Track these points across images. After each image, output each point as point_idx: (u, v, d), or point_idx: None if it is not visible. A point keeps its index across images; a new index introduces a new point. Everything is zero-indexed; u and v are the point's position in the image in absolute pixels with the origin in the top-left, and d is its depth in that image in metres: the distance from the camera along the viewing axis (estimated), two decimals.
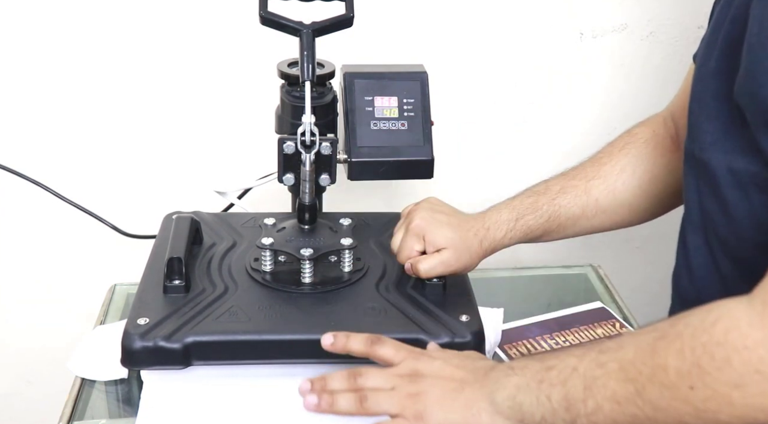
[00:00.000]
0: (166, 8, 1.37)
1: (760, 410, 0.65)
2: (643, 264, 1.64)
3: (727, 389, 0.66)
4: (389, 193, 1.50)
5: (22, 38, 1.37)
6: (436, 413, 0.83)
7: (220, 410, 0.96)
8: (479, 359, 0.91)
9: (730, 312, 0.67)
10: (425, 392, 0.85)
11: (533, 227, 1.06)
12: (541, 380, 0.78)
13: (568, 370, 0.77)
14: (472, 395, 0.82)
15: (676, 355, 0.69)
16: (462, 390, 0.83)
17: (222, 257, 1.13)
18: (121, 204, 1.44)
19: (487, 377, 0.83)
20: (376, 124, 1.11)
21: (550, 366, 0.79)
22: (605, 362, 0.74)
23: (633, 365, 0.72)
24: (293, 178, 1.05)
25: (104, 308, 1.24)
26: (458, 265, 1.04)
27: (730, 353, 0.65)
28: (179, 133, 1.45)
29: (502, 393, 0.81)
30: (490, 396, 0.81)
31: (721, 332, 0.67)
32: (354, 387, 0.87)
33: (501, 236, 1.05)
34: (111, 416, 1.03)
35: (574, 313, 1.23)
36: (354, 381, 0.88)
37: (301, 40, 1.03)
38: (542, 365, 0.80)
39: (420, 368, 0.88)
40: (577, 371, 0.76)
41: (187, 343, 0.98)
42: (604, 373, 0.74)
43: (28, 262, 1.53)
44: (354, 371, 0.89)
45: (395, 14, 1.40)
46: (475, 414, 0.81)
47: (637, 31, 1.46)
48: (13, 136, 1.42)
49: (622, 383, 0.72)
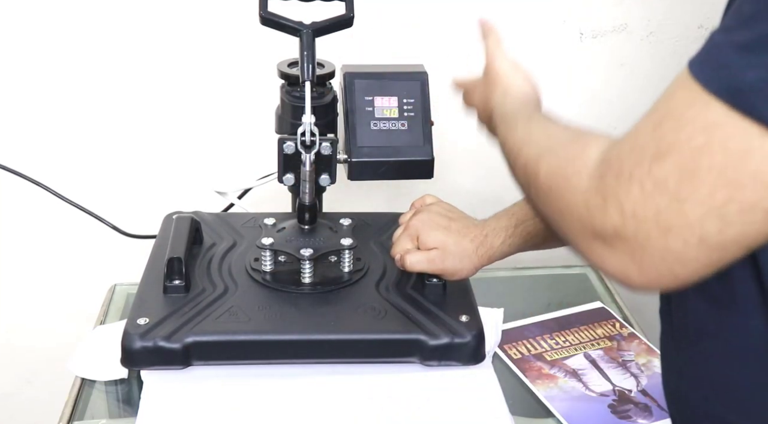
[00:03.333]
0: (166, 8, 1.37)
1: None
2: None
3: (556, 211, 0.68)
4: (389, 193, 1.50)
5: (22, 38, 1.37)
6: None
7: (219, 410, 0.96)
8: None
9: (587, 146, 0.67)
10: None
11: (533, 232, 1.05)
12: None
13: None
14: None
15: (546, 170, 0.70)
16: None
17: (222, 257, 1.13)
18: (121, 204, 1.44)
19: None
20: (376, 124, 1.11)
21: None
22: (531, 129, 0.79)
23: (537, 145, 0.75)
24: (293, 179, 1.05)
25: (104, 308, 1.24)
26: (444, 266, 1.04)
27: (564, 185, 0.67)
28: (179, 133, 1.45)
29: None
30: None
31: (572, 164, 0.67)
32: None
33: (499, 243, 1.05)
34: (111, 416, 1.03)
35: (574, 313, 1.23)
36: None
37: (301, 40, 1.03)
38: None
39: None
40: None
41: (187, 343, 0.98)
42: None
43: (28, 262, 1.53)
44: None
45: (395, 14, 1.39)
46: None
47: (637, 31, 1.46)
48: (13, 136, 1.42)
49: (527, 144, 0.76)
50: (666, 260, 0.60)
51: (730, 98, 0.56)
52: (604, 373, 1.11)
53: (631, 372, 1.11)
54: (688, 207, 0.58)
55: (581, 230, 0.65)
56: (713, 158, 0.57)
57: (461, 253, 1.04)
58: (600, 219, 0.62)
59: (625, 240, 0.61)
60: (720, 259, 0.60)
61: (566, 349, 1.15)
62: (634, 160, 0.61)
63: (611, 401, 1.05)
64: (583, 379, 1.09)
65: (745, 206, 0.57)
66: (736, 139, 0.56)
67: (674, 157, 0.58)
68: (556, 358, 1.13)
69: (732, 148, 0.56)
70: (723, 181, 0.57)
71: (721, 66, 0.58)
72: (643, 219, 0.59)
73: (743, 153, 0.56)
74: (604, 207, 0.62)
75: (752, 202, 0.57)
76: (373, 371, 1.02)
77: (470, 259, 1.04)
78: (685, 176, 0.58)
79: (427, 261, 1.04)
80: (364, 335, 1.01)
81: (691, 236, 0.59)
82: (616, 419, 1.03)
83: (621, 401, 1.06)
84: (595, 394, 1.07)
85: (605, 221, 0.62)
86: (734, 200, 0.57)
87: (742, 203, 0.57)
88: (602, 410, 1.04)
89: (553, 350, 1.15)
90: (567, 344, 1.16)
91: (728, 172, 0.57)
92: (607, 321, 1.22)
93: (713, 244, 0.59)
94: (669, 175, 0.58)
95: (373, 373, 1.02)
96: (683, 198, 0.58)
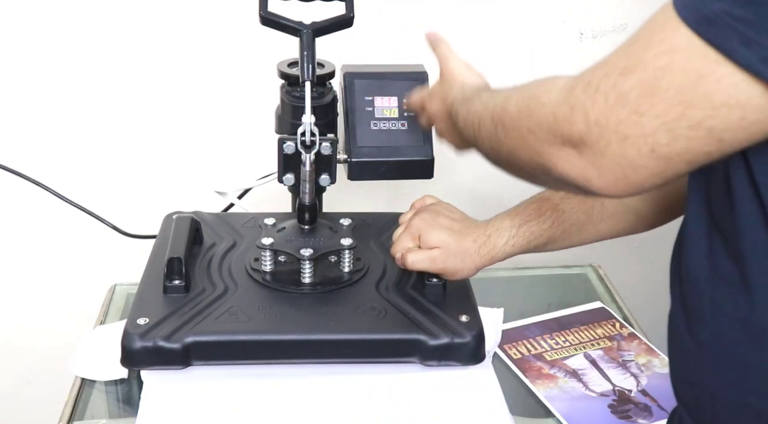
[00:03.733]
0: (166, 8, 1.37)
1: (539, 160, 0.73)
2: (643, 264, 1.64)
3: (525, 132, 0.74)
4: (389, 193, 1.50)
5: (22, 38, 1.37)
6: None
7: (219, 410, 0.96)
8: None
9: (556, 78, 0.74)
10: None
11: (537, 233, 1.05)
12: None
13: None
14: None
15: (515, 102, 0.77)
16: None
17: (222, 257, 1.13)
18: (121, 204, 1.44)
19: None
20: (376, 124, 1.11)
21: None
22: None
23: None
24: (293, 179, 1.05)
25: (104, 308, 1.24)
26: (445, 265, 1.04)
27: (534, 104, 0.73)
28: (179, 133, 1.45)
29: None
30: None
31: (541, 88, 0.74)
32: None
33: (502, 243, 1.04)
34: (111, 416, 1.03)
35: (574, 313, 1.23)
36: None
37: (301, 40, 1.03)
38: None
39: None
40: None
41: (187, 343, 0.98)
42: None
43: (28, 262, 1.53)
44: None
45: (395, 14, 1.40)
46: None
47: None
48: (13, 136, 1.42)
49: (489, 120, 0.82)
50: (621, 165, 0.66)
51: (696, 25, 0.61)
52: (604, 373, 1.11)
53: (631, 372, 1.11)
54: (644, 120, 0.64)
55: (548, 139, 0.71)
56: (672, 78, 0.63)
57: (463, 253, 1.04)
58: (567, 127, 0.68)
59: (589, 146, 0.67)
60: (666, 169, 0.66)
61: (566, 349, 1.15)
62: (603, 74, 0.67)
63: (611, 401, 1.05)
64: (583, 379, 1.09)
65: (692, 123, 0.63)
66: (694, 63, 0.62)
67: (638, 75, 0.64)
68: (556, 358, 1.13)
69: (689, 71, 0.62)
70: (678, 99, 0.63)
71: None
72: (605, 127, 0.66)
73: (699, 76, 0.62)
74: (570, 116, 0.68)
75: (698, 120, 0.63)
76: (373, 371, 1.02)
77: (472, 259, 1.04)
78: (645, 92, 0.64)
79: (428, 260, 1.04)
80: (364, 335, 1.01)
81: (644, 145, 0.65)
82: (616, 419, 1.03)
83: (621, 401, 1.06)
84: (595, 394, 1.07)
85: (571, 129, 0.68)
86: (684, 117, 0.63)
87: (690, 120, 0.63)
88: (602, 410, 1.04)
89: (553, 350, 1.15)
90: (567, 344, 1.16)
91: (683, 92, 0.62)
92: (607, 321, 1.22)
93: (661, 154, 0.65)
94: (631, 90, 0.64)
95: (373, 373, 1.02)
96: (642, 111, 0.64)
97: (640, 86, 0.64)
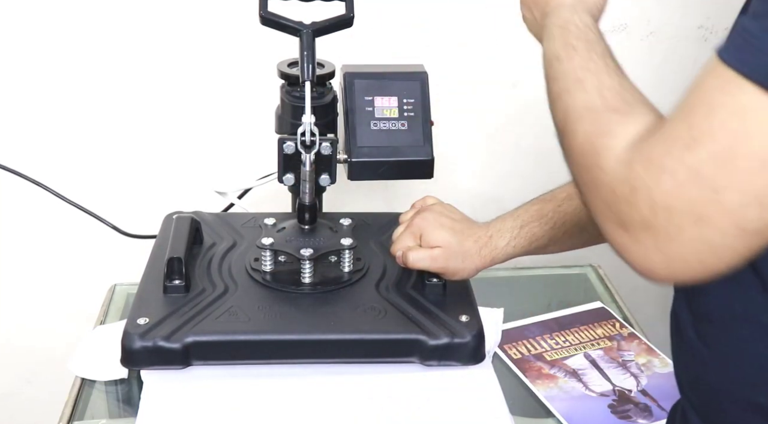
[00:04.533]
0: (166, 8, 1.37)
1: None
2: None
3: (587, 179, 0.67)
4: (389, 193, 1.50)
5: (22, 38, 1.37)
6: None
7: (219, 410, 0.96)
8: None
9: (615, 132, 0.66)
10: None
11: (538, 234, 1.05)
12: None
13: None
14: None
15: (582, 132, 0.70)
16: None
17: (222, 257, 1.13)
18: (121, 204, 1.44)
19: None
20: (376, 124, 1.11)
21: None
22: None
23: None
24: (293, 178, 1.05)
25: (104, 308, 1.24)
26: (446, 265, 1.04)
27: (593, 162, 0.66)
28: (179, 133, 1.45)
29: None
30: None
31: (603, 138, 0.66)
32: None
33: (504, 244, 1.04)
34: (111, 416, 1.03)
35: (574, 313, 1.23)
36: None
37: (301, 40, 1.03)
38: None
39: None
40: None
41: (187, 343, 0.98)
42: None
43: (28, 262, 1.53)
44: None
45: (395, 14, 1.39)
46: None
47: (637, 31, 1.46)
48: (13, 136, 1.42)
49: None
50: (698, 251, 0.59)
51: (765, 80, 0.55)
52: (604, 373, 1.11)
53: (631, 372, 1.11)
54: (725, 195, 0.57)
55: (606, 213, 0.64)
56: (750, 143, 0.56)
57: (464, 253, 1.04)
58: (626, 210, 0.61)
59: (654, 232, 0.60)
60: (756, 245, 0.59)
61: (566, 349, 1.15)
62: (665, 150, 0.59)
63: (611, 401, 1.05)
64: (583, 379, 1.09)
65: None
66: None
67: (708, 145, 0.57)
68: (556, 358, 1.13)
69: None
70: (761, 165, 0.56)
71: (754, 49, 0.57)
72: (676, 210, 0.58)
73: None
74: (632, 198, 0.60)
75: None
76: (373, 371, 1.02)
77: (473, 259, 1.04)
78: (720, 164, 0.57)
79: (429, 258, 1.04)
80: (364, 335, 1.01)
81: (729, 224, 0.57)
82: (616, 419, 1.03)
83: (621, 401, 1.06)
84: (595, 394, 1.07)
85: (632, 212, 0.60)
86: None
87: None
88: (602, 410, 1.04)
89: (553, 350, 1.15)
90: (567, 344, 1.16)
91: (766, 156, 0.56)
92: (607, 321, 1.22)
93: (752, 230, 0.57)
94: (703, 164, 0.57)
95: (373, 373, 1.02)
96: (720, 186, 0.57)
97: (713, 158, 0.57)
